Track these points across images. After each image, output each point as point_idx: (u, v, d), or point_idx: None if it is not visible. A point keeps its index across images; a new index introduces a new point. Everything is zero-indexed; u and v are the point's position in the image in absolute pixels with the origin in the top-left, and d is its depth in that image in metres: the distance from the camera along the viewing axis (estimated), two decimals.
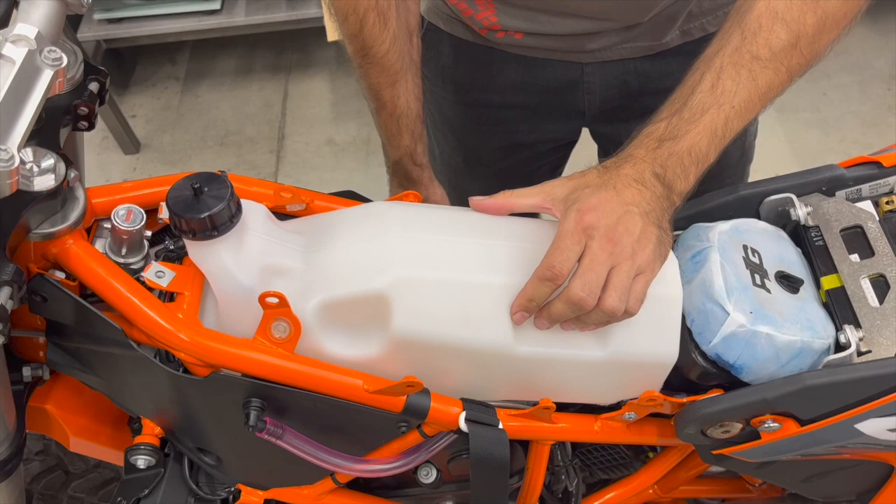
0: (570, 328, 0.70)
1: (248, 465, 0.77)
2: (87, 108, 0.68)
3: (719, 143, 0.72)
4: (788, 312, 0.75)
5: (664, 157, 0.70)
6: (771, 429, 0.74)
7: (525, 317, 0.69)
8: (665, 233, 0.70)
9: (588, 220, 0.67)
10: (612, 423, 0.79)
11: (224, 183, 0.66)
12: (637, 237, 0.67)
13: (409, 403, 0.71)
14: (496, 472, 0.73)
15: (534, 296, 0.67)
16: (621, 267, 0.66)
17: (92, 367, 0.72)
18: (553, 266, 0.66)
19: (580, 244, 0.67)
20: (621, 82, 1.01)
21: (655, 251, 0.68)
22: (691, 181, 0.71)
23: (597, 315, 0.67)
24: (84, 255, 0.65)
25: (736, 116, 0.71)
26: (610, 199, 0.69)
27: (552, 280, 0.66)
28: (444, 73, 1.07)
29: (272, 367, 0.67)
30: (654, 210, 0.69)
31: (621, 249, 0.67)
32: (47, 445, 1.09)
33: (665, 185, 0.70)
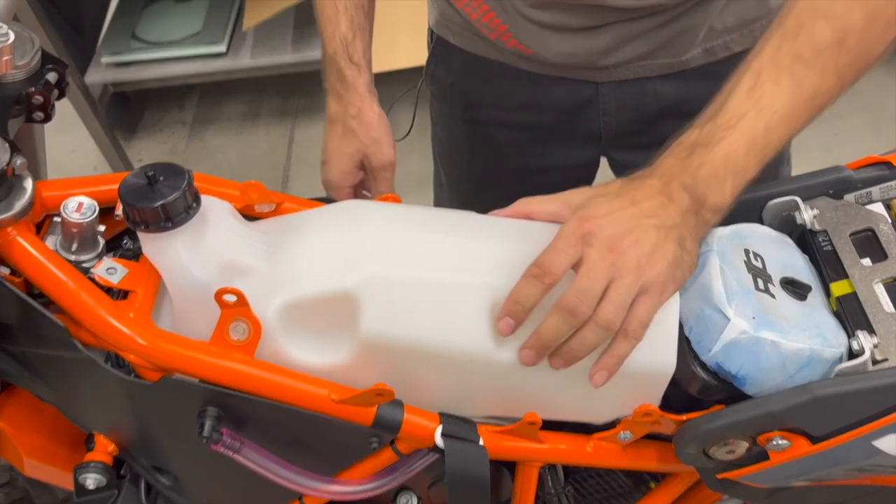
0: (560, 365, 0.63)
1: (207, 486, 0.71)
2: (43, 97, 0.64)
3: (759, 153, 0.65)
4: (795, 319, 0.68)
5: (695, 166, 0.64)
6: (780, 447, 0.67)
7: (511, 326, 0.62)
8: (688, 253, 0.64)
9: (588, 228, 0.62)
10: (607, 444, 0.72)
11: (181, 173, 0.62)
12: (647, 252, 0.61)
13: (380, 415, 0.65)
14: (475, 494, 0.66)
15: (520, 297, 0.61)
16: (622, 280, 0.61)
17: (41, 375, 0.67)
18: (542, 263, 0.61)
19: (576, 249, 0.61)
20: (638, 104, 0.95)
21: (669, 272, 0.62)
22: (727, 195, 0.65)
23: (591, 330, 0.61)
24: (28, 248, 0.60)
25: (778, 124, 0.65)
26: (622, 209, 0.63)
27: (540, 278, 0.61)
28: (453, 90, 1.03)
29: (228, 371, 0.62)
30: (677, 227, 0.63)
31: (624, 262, 0.61)
32: (14, 478, 1.04)
33: (695, 199, 0.64)
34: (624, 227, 0.62)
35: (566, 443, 0.72)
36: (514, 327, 0.62)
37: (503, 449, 0.69)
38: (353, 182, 0.88)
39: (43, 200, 0.64)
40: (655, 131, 0.95)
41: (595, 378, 0.64)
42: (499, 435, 0.69)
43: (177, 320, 0.64)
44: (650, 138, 0.94)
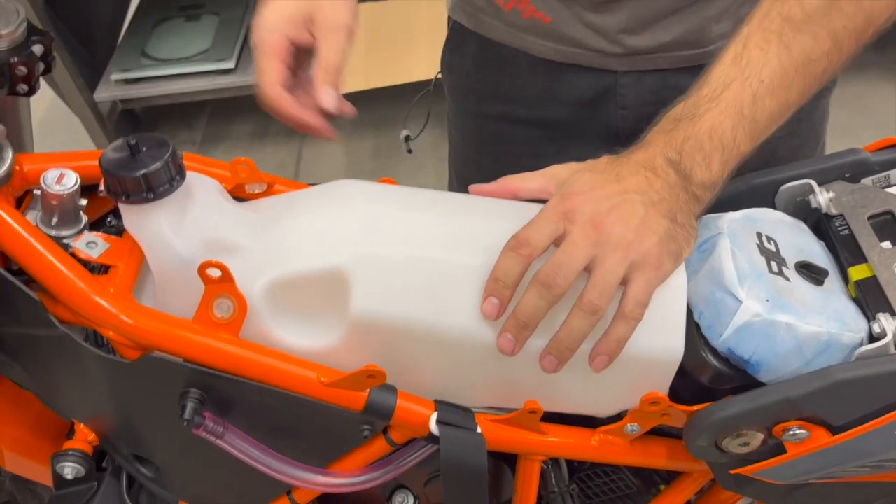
0: (552, 365, 0.60)
1: (190, 478, 0.67)
2: (27, 68, 0.62)
3: (748, 126, 0.61)
4: (812, 303, 0.65)
5: (680, 140, 0.61)
6: (797, 437, 0.63)
7: (495, 306, 0.59)
8: (681, 227, 0.61)
9: (570, 204, 0.59)
10: (613, 437, 0.68)
11: (165, 144, 0.59)
12: (634, 227, 0.59)
13: (372, 400, 0.61)
14: (471, 484, 0.62)
15: (500, 273, 0.58)
16: (607, 258, 0.58)
17: (19, 358, 0.64)
18: (520, 236, 0.58)
19: (558, 225, 0.59)
20: (658, 98, 0.89)
21: (661, 246, 0.59)
22: (714, 170, 0.62)
23: (576, 318, 0.58)
24: (4, 217, 0.58)
25: (767, 93, 0.61)
26: (606, 185, 0.60)
27: (516, 250, 0.58)
28: (468, 80, 0.99)
29: (212, 350, 0.59)
30: (664, 200, 0.60)
31: (608, 238, 0.58)
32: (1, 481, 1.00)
33: (680, 174, 0.61)
34: (608, 203, 0.59)
35: (570, 436, 0.68)
36: (500, 308, 0.59)
37: (502, 439, 0.65)
38: (287, 44, 0.70)
39: (24, 174, 0.62)
40: None
41: (595, 363, 0.60)
42: (497, 424, 0.65)
43: (159, 299, 0.61)
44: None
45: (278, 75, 0.69)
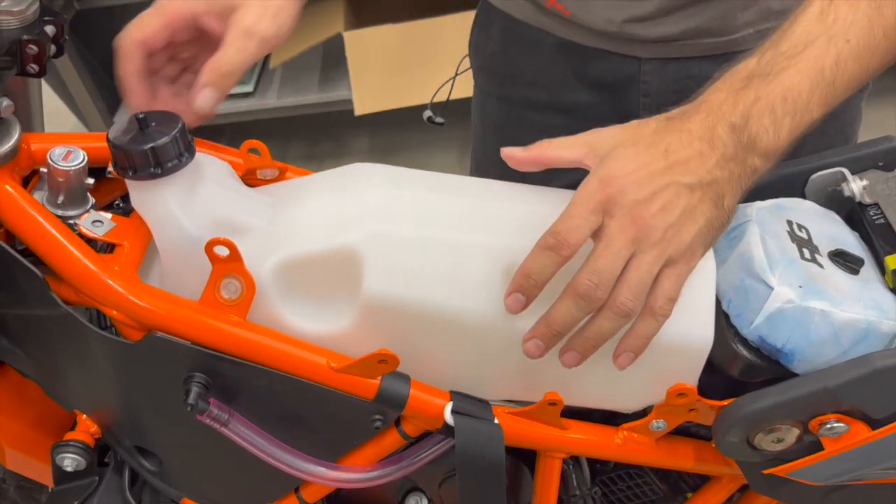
0: (573, 361, 0.56)
1: (193, 471, 0.64)
2: (37, 47, 0.61)
3: (827, 90, 0.56)
4: (848, 290, 0.62)
5: (749, 101, 0.56)
6: (836, 432, 0.59)
7: (521, 303, 0.55)
8: (723, 212, 0.57)
9: (610, 192, 0.54)
10: (638, 436, 0.65)
11: (175, 119, 0.58)
12: (676, 218, 0.55)
13: (384, 388, 0.59)
14: (488, 478, 0.59)
15: (532, 270, 0.55)
16: (643, 257, 0.54)
17: (22, 342, 0.62)
18: (558, 233, 0.54)
19: (596, 216, 0.55)
20: (682, 86, 0.86)
21: (699, 237, 0.56)
22: (783, 137, 0.56)
23: (606, 318, 0.55)
24: (9, 192, 0.56)
25: (851, 56, 0.56)
26: (651, 162, 0.55)
27: (555, 249, 0.54)
28: (492, 60, 0.96)
29: (218, 331, 0.57)
30: (715, 182, 0.56)
31: (648, 234, 0.54)
32: (5, 489, 0.98)
33: (742, 143, 0.56)
34: (651, 188, 0.55)
35: (592, 433, 0.65)
36: (525, 304, 0.55)
37: (520, 433, 0.62)
38: (187, 16, 0.63)
39: (31, 153, 0.61)
40: None
41: (620, 360, 0.57)
42: (515, 418, 0.62)
43: (165, 280, 0.59)
44: None
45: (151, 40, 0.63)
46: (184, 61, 0.68)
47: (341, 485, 0.62)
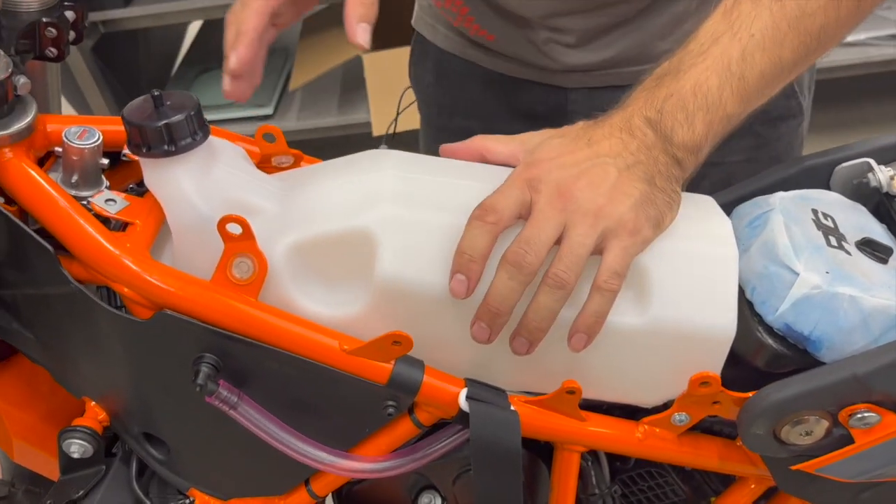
0: (523, 348, 0.55)
1: (202, 460, 0.63)
2: (56, 30, 0.62)
3: (737, 84, 0.57)
4: (877, 277, 0.60)
5: (661, 97, 0.57)
6: (867, 423, 0.57)
7: (464, 284, 0.54)
8: (661, 192, 0.57)
9: (536, 172, 0.56)
10: (660, 430, 0.63)
11: (190, 98, 0.58)
12: (606, 191, 0.55)
13: (397, 373, 0.57)
14: (504, 466, 0.57)
15: (466, 246, 0.54)
16: (575, 228, 0.54)
17: (31, 324, 0.61)
18: (485, 204, 0.54)
19: (523, 193, 0.55)
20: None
21: (637, 210, 0.55)
22: (698, 130, 0.57)
23: (544, 294, 0.54)
24: (22, 169, 0.56)
25: (757, 49, 0.57)
26: (576, 150, 0.57)
27: (482, 218, 0.54)
28: (428, 91, 0.98)
29: (228, 311, 0.55)
30: (640, 163, 0.56)
31: (578, 206, 0.54)
32: (13, 493, 0.97)
33: (659, 134, 0.57)
34: (576, 169, 0.56)
35: (612, 426, 0.63)
36: (469, 285, 0.54)
37: (537, 424, 0.60)
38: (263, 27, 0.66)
39: (47, 134, 0.61)
40: None
41: (573, 341, 0.56)
42: (532, 407, 0.60)
43: (177, 259, 0.59)
44: None
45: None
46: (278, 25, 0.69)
47: (353, 474, 0.60)
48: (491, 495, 0.58)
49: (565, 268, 0.53)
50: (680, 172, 0.58)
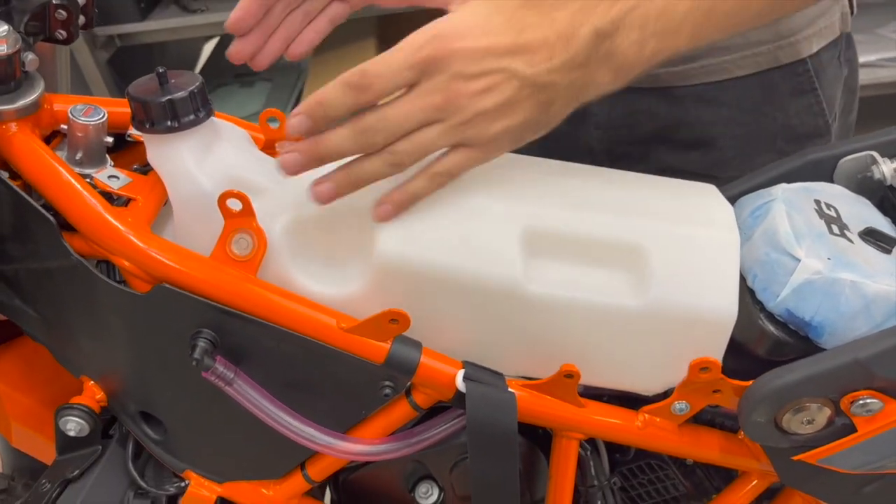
0: (329, 190, 0.53)
1: (198, 439, 0.62)
2: (66, 13, 0.63)
3: (701, 19, 0.53)
4: (880, 265, 0.59)
5: (627, 7, 0.52)
6: (869, 410, 0.56)
7: (304, 125, 0.52)
8: (546, 117, 0.54)
9: (438, 54, 0.51)
10: (660, 420, 0.62)
11: (194, 77, 0.59)
12: (493, 107, 0.52)
13: (394, 352, 0.57)
14: (500, 447, 0.56)
15: (326, 100, 0.51)
16: (439, 126, 0.52)
17: (32, 300, 0.62)
18: (366, 74, 0.51)
19: (413, 73, 0.51)
20: (632, 121, 0.85)
21: (508, 133, 0.53)
22: (644, 57, 0.53)
23: (378, 159, 0.52)
24: (27, 143, 0.57)
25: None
26: (498, 39, 0.51)
27: (356, 90, 0.51)
28: None
29: (226, 286, 0.55)
30: (552, 85, 0.52)
31: (455, 111, 0.51)
32: (12, 486, 0.96)
33: (598, 53, 0.52)
34: (481, 67, 0.51)
35: (611, 414, 0.62)
36: (306, 128, 0.52)
37: (535, 408, 0.59)
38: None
39: (53, 113, 0.61)
40: (648, 156, 0.85)
41: (379, 210, 0.55)
42: (529, 390, 0.59)
43: (178, 235, 0.59)
44: (643, 165, 0.84)
45: None
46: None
47: (349, 456, 0.60)
48: (486, 478, 0.57)
49: (408, 153, 0.52)
50: (586, 97, 0.55)
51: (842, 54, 0.85)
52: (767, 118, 0.82)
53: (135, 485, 0.64)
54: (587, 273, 0.58)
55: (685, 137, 0.81)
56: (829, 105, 0.85)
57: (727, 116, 0.81)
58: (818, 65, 0.81)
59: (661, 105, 0.83)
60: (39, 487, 0.63)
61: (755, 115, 0.81)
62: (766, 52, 0.80)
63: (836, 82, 0.85)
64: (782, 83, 0.81)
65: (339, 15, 0.68)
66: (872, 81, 2.07)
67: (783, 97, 0.81)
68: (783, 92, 0.81)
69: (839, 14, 0.82)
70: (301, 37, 0.68)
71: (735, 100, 0.81)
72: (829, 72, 0.83)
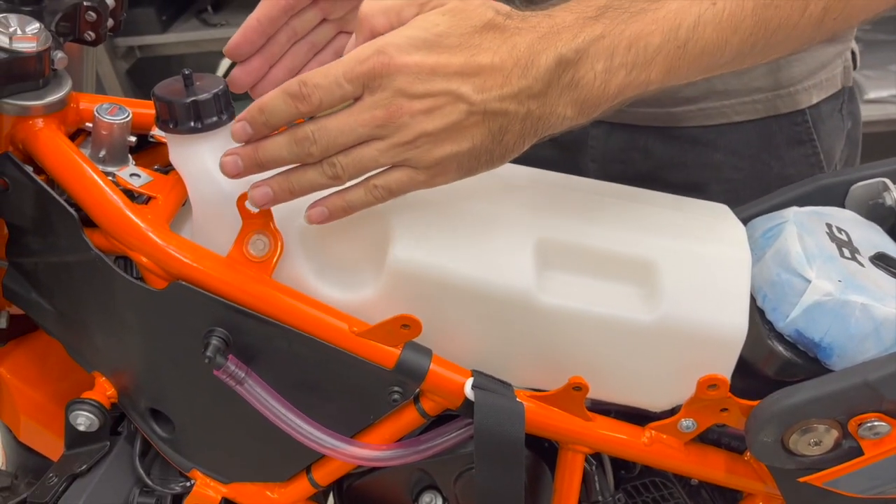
0: (263, 194, 0.52)
1: (206, 439, 0.63)
2: (96, 15, 0.64)
3: (675, 53, 0.50)
4: (891, 289, 0.59)
5: (593, 36, 0.49)
6: (877, 433, 0.56)
7: (246, 133, 0.51)
8: (500, 147, 0.51)
9: (381, 69, 0.48)
10: (666, 437, 0.62)
11: (219, 80, 0.60)
12: (436, 129, 0.49)
13: (404, 358, 0.57)
14: (506, 456, 0.56)
15: (267, 108, 0.50)
16: (380, 143, 0.49)
17: (49, 293, 0.62)
18: (306, 85, 0.49)
19: (354, 87, 0.49)
20: (626, 157, 0.84)
21: (455, 160, 0.50)
22: (610, 91, 0.50)
23: (315, 170, 0.51)
24: (52, 138, 0.58)
25: (712, 22, 0.50)
26: (447, 59, 0.48)
27: (296, 100, 0.49)
28: None
29: (241, 286, 0.56)
30: (504, 114, 0.49)
31: (396, 129, 0.49)
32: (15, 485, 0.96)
33: (560, 83, 0.49)
34: (426, 87, 0.48)
35: (617, 429, 0.62)
36: (247, 136, 0.51)
37: (542, 420, 0.60)
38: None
39: (79, 110, 0.63)
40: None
41: (311, 213, 0.53)
42: (537, 402, 0.60)
43: (196, 235, 0.60)
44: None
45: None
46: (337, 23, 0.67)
47: (355, 461, 0.60)
48: (491, 488, 0.57)
49: (346, 167, 0.50)
50: (549, 130, 0.52)
51: (844, 107, 0.84)
52: (763, 165, 0.81)
53: (141, 482, 0.64)
54: (599, 286, 0.59)
55: (678, 179, 0.81)
56: (828, 157, 0.84)
57: (722, 161, 0.81)
58: (817, 116, 0.81)
59: (658, 144, 0.83)
60: (47, 481, 0.63)
61: (751, 161, 0.81)
62: (765, 99, 0.80)
63: (836, 134, 0.84)
64: (780, 132, 0.81)
65: (344, 47, 0.69)
66: (883, 118, 2.08)
67: (780, 146, 0.81)
68: (780, 141, 0.81)
69: (841, 68, 0.82)
70: (305, 68, 0.67)
71: (731, 145, 0.80)
72: (829, 124, 0.82)
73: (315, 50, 0.68)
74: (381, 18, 0.50)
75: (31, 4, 0.59)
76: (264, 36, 0.64)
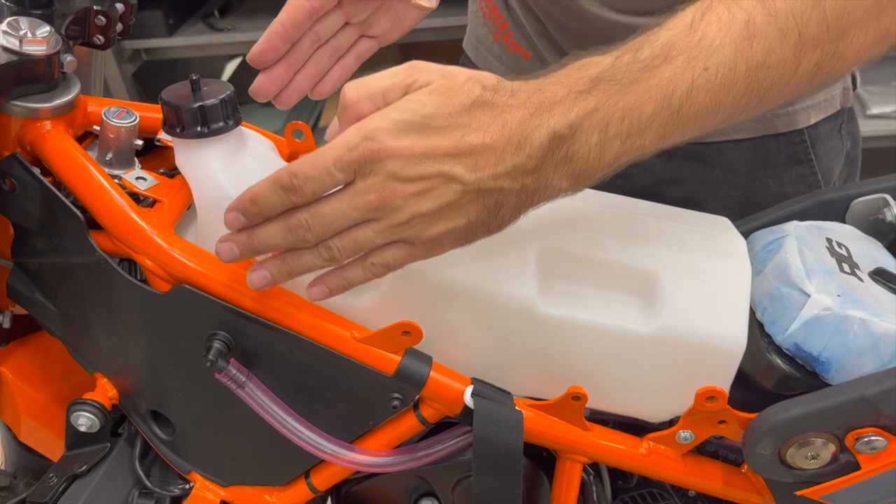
0: (261, 278, 0.52)
1: (206, 441, 0.63)
2: (106, 19, 0.65)
3: (668, 119, 0.49)
4: (890, 304, 0.60)
5: (587, 110, 0.48)
6: (874, 448, 0.56)
7: (239, 222, 0.51)
8: (495, 220, 0.51)
9: (371, 155, 0.47)
10: (664, 448, 0.62)
11: (226, 86, 0.60)
12: (431, 210, 0.49)
13: (404, 365, 0.58)
14: (505, 464, 0.57)
15: (258, 199, 0.50)
16: (375, 225, 0.49)
17: (53, 294, 0.63)
18: (296, 176, 0.48)
19: (345, 175, 0.48)
20: (626, 172, 0.81)
21: (451, 236, 0.50)
22: (605, 162, 0.50)
23: (312, 254, 0.51)
24: (60, 141, 0.58)
25: (705, 87, 0.49)
26: (437, 143, 0.48)
27: (287, 192, 0.49)
28: None
29: (244, 290, 0.56)
30: (499, 191, 0.49)
31: (391, 213, 0.49)
32: (14, 485, 0.97)
33: (554, 158, 0.49)
34: (418, 171, 0.48)
35: (616, 440, 0.62)
36: (241, 224, 0.51)
37: (541, 429, 0.60)
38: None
39: (87, 113, 0.63)
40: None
41: (311, 290, 0.53)
42: (536, 411, 0.60)
43: (200, 239, 0.60)
44: None
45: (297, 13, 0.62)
46: (359, 26, 0.67)
47: (354, 466, 0.60)
48: (489, 496, 0.58)
49: (343, 250, 0.50)
50: (548, 198, 0.52)
51: (843, 127, 0.84)
52: (760, 184, 0.82)
53: (140, 484, 0.65)
54: (599, 297, 0.59)
55: (675, 195, 0.82)
56: (826, 176, 0.84)
57: (719, 178, 0.82)
58: (815, 136, 0.81)
59: (656, 160, 0.80)
60: (46, 481, 0.63)
61: (748, 179, 0.81)
62: (763, 118, 0.80)
63: (834, 154, 0.84)
64: (777, 151, 0.81)
65: (367, 51, 0.68)
66: (886, 133, 2.08)
67: (777, 165, 0.81)
68: (778, 160, 0.81)
69: (840, 89, 0.83)
70: (328, 75, 0.67)
71: (729, 162, 0.81)
72: (827, 144, 0.83)
73: (338, 55, 0.68)
74: (366, 104, 0.50)
75: (41, 8, 0.60)
76: (289, 41, 0.64)
